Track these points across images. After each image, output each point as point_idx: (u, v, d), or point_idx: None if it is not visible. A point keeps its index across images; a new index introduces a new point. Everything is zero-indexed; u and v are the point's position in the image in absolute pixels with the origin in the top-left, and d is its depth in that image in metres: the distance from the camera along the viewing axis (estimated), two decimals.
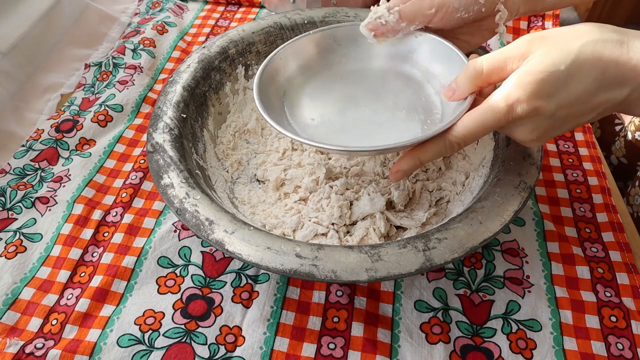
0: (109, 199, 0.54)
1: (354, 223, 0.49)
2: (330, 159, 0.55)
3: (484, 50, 0.55)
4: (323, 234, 0.48)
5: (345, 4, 0.73)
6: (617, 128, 0.74)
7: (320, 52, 0.50)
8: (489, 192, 0.42)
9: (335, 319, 0.44)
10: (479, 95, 0.39)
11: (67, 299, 0.45)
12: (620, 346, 0.42)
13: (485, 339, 0.43)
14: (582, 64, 0.33)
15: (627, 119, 0.72)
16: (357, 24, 0.47)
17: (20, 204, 0.52)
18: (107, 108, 0.62)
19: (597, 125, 0.76)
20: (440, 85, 0.46)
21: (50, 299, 0.45)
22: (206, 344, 0.42)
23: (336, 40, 0.50)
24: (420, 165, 0.40)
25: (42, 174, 0.56)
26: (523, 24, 0.77)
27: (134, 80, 0.66)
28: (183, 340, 0.42)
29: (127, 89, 0.64)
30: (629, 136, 0.69)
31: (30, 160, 0.57)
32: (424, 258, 0.38)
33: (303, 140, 0.40)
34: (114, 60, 0.69)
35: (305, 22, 0.61)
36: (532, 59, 0.34)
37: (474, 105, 0.38)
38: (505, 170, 0.44)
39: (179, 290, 0.46)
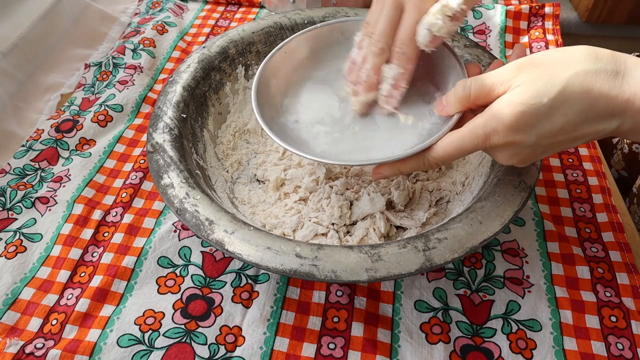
0: (109, 199, 0.54)
1: (354, 223, 0.49)
2: None
3: (484, 51, 0.55)
4: (323, 234, 0.48)
5: (345, 4, 0.73)
6: (615, 140, 0.72)
7: (328, 45, 0.50)
8: (489, 192, 0.42)
9: (335, 319, 0.44)
10: (472, 112, 0.39)
11: (67, 299, 0.45)
12: (620, 346, 0.42)
13: (485, 339, 0.43)
14: (568, 97, 0.32)
15: None
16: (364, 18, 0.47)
17: (20, 204, 0.52)
18: (107, 108, 0.62)
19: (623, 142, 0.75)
20: (437, 94, 0.46)
21: (50, 299, 0.45)
22: (206, 344, 0.42)
23: (344, 34, 0.50)
24: (400, 174, 0.43)
25: (42, 174, 0.56)
26: (523, 24, 0.77)
27: (134, 80, 0.66)
28: (183, 340, 0.42)
29: (127, 89, 0.64)
30: (626, 149, 0.68)
31: (30, 160, 0.57)
32: (424, 258, 0.38)
33: (294, 151, 0.42)
34: (114, 60, 0.69)
35: (305, 22, 0.61)
36: (517, 88, 0.33)
37: (463, 120, 0.38)
38: (505, 170, 0.44)
39: (179, 290, 0.46)
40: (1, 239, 0.49)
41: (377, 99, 0.45)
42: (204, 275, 0.47)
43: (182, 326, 0.43)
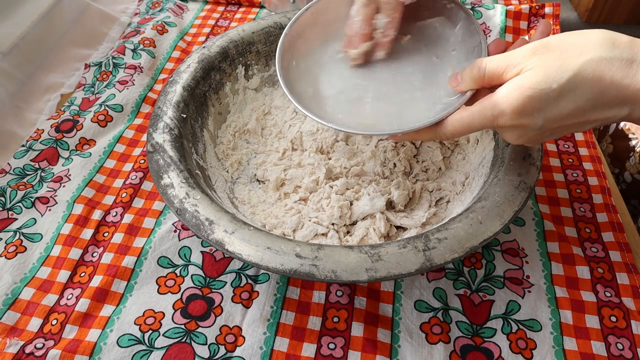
0: (109, 199, 0.54)
1: (354, 223, 0.49)
2: (330, 159, 0.55)
3: None
4: (323, 234, 0.48)
5: None
6: (632, 143, 0.69)
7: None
8: (489, 192, 0.42)
9: (335, 319, 0.44)
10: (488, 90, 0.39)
11: (67, 299, 0.45)
12: (620, 346, 0.42)
13: (485, 339, 0.43)
14: (579, 84, 0.32)
15: None
16: None
17: (20, 204, 0.52)
18: (107, 108, 0.62)
19: (608, 141, 0.73)
20: (454, 67, 0.45)
21: (50, 299, 0.45)
22: (206, 344, 0.42)
23: None
24: (415, 140, 0.47)
25: (42, 174, 0.56)
26: (523, 24, 0.77)
27: (134, 80, 0.66)
28: (183, 340, 0.42)
29: (127, 89, 0.64)
30: None
31: (30, 160, 0.57)
32: (424, 258, 0.38)
33: (310, 115, 0.42)
34: (114, 60, 0.69)
35: None
36: (527, 72, 0.33)
37: (478, 95, 0.39)
38: (505, 170, 0.44)
39: (179, 290, 0.46)
40: (1, 239, 0.49)
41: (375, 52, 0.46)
42: (204, 275, 0.47)
43: (182, 326, 0.43)
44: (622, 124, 0.71)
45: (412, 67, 0.46)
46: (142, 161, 0.57)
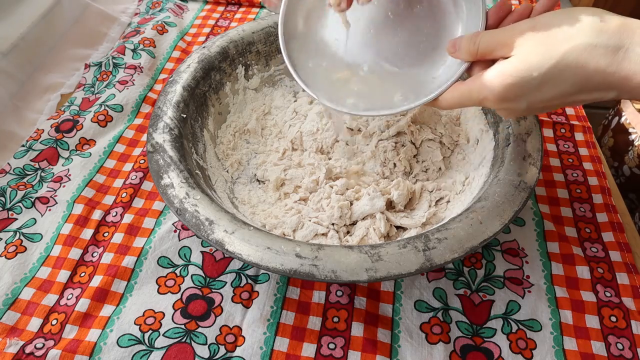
0: (109, 199, 0.54)
1: (354, 223, 0.49)
2: (330, 159, 0.55)
3: None
4: (323, 234, 0.48)
5: None
6: (632, 137, 0.70)
7: None
8: (489, 192, 0.42)
9: (335, 319, 0.44)
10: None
11: (67, 299, 0.45)
12: (620, 346, 0.42)
13: (485, 339, 0.43)
14: (562, 71, 0.32)
15: None
16: None
17: (20, 204, 0.52)
18: (107, 108, 0.62)
19: (610, 135, 0.74)
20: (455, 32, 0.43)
21: (50, 299, 0.45)
22: (206, 344, 0.42)
23: None
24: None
25: (42, 174, 0.56)
26: None
27: (134, 80, 0.66)
28: (183, 340, 0.42)
29: (127, 89, 0.64)
30: None
31: (30, 160, 0.57)
32: (424, 258, 0.38)
33: (310, 93, 0.43)
34: (114, 60, 0.69)
35: None
36: (511, 58, 0.33)
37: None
38: (505, 170, 0.44)
39: (179, 290, 0.46)
40: (1, 239, 0.49)
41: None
42: (204, 275, 0.47)
43: (182, 326, 0.43)
44: (623, 118, 0.71)
45: (411, 30, 0.45)
46: (142, 161, 0.57)
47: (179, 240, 0.49)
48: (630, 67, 0.31)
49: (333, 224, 0.48)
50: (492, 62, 0.36)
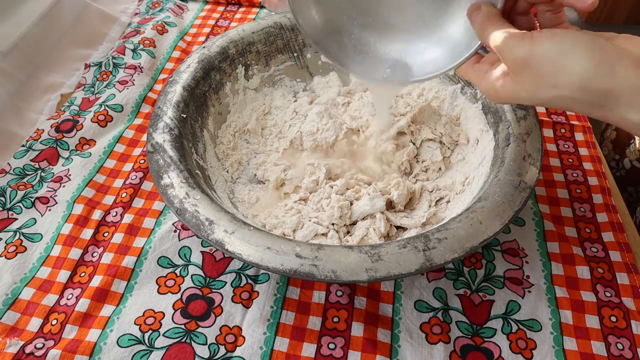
0: (109, 199, 0.54)
1: (354, 223, 0.49)
2: (330, 159, 0.55)
3: None
4: (323, 234, 0.48)
5: None
6: None
7: None
8: (489, 192, 0.42)
9: (335, 319, 0.44)
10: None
11: (67, 299, 0.45)
12: (620, 346, 0.42)
13: (485, 339, 0.43)
14: (549, 106, 0.34)
15: None
16: None
17: (20, 204, 0.52)
18: (107, 108, 0.62)
19: (612, 127, 0.73)
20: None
21: (50, 299, 0.45)
22: (206, 344, 0.42)
23: None
24: None
25: (42, 174, 0.56)
26: None
27: (134, 80, 0.66)
28: (183, 340, 0.42)
29: (127, 89, 0.64)
30: None
31: (30, 160, 0.57)
32: (424, 258, 0.38)
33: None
34: (114, 60, 0.69)
35: None
36: (506, 81, 0.35)
37: None
38: (505, 170, 0.44)
39: (179, 290, 0.46)
40: (1, 239, 0.49)
41: None
42: (204, 275, 0.47)
43: (182, 326, 0.43)
44: None
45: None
46: (142, 161, 0.57)
47: (179, 240, 0.49)
48: (615, 120, 0.32)
49: (333, 224, 0.48)
50: None
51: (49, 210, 0.52)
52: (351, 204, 0.49)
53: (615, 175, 0.71)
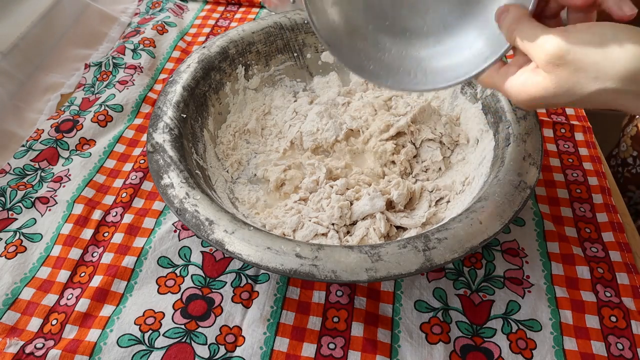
0: (109, 199, 0.54)
1: (354, 223, 0.49)
2: (330, 159, 0.55)
3: None
4: (323, 234, 0.48)
5: None
6: None
7: None
8: (489, 192, 0.42)
9: (335, 319, 0.44)
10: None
11: (67, 299, 0.45)
12: (620, 346, 0.42)
13: (485, 339, 0.43)
14: (587, 104, 0.32)
15: None
16: None
17: (20, 204, 0.52)
18: (107, 108, 0.62)
19: (634, 124, 0.73)
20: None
21: (50, 299, 0.45)
22: (206, 344, 0.42)
23: None
24: None
25: (42, 174, 0.56)
26: None
27: (134, 80, 0.66)
28: (183, 340, 0.42)
29: (127, 89, 0.64)
30: None
31: (30, 160, 0.57)
32: (424, 258, 0.38)
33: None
34: (114, 60, 0.69)
35: (305, 22, 0.61)
36: (539, 77, 0.32)
37: None
38: (505, 170, 0.44)
39: (179, 290, 0.46)
40: (1, 239, 0.49)
41: None
42: (204, 275, 0.47)
43: (182, 326, 0.43)
44: None
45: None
46: (142, 161, 0.57)
47: (179, 240, 0.49)
48: None
49: (333, 224, 0.48)
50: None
51: (49, 210, 0.52)
52: (351, 204, 0.49)
53: (631, 171, 0.71)
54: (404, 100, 0.58)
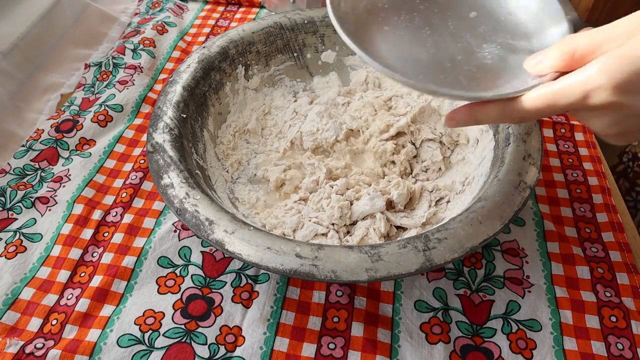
0: (109, 199, 0.54)
1: (354, 223, 0.49)
2: (330, 159, 0.55)
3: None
4: (323, 234, 0.48)
5: None
6: None
7: None
8: (489, 192, 0.42)
9: (335, 319, 0.44)
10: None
11: (67, 299, 0.45)
12: (620, 346, 0.42)
13: (485, 339, 0.43)
14: None
15: None
16: None
17: (20, 204, 0.52)
18: (107, 108, 0.62)
19: None
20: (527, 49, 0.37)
21: (50, 299, 0.45)
22: (206, 344, 0.42)
23: None
24: (474, 123, 0.35)
25: (42, 174, 0.56)
26: None
27: (134, 80, 0.66)
28: (183, 340, 0.42)
29: (127, 89, 0.64)
30: None
31: (30, 160, 0.57)
32: (424, 258, 0.38)
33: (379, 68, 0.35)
34: (114, 60, 0.69)
35: (305, 22, 0.61)
36: (635, 39, 0.27)
37: None
38: (505, 170, 0.44)
39: (179, 290, 0.46)
40: (1, 239, 0.49)
41: None
42: (204, 275, 0.47)
43: (182, 326, 0.43)
44: None
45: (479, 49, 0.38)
46: (142, 161, 0.57)
47: (179, 240, 0.49)
48: None
49: (333, 224, 0.48)
50: None
51: (49, 210, 0.52)
52: (351, 204, 0.49)
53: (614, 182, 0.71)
54: (404, 100, 0.58)
